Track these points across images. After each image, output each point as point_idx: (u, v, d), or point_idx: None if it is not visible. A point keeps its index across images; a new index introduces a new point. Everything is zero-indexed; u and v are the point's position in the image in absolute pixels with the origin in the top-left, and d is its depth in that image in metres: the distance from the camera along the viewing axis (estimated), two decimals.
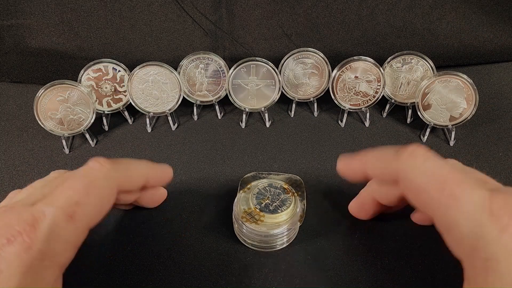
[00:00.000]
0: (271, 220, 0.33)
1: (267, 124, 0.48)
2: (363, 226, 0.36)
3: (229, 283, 0.32)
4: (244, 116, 0.47)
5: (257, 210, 0.33)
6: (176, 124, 0.48)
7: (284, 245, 0.34)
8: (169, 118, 0.48)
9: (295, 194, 0.35)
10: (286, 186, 0.35)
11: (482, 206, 0.22)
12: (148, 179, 0.32)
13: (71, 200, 0.25)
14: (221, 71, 0.47)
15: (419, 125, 0.46)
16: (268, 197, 0.34)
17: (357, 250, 0.34)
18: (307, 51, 0.46)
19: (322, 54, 0.46)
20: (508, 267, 0.20)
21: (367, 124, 0.47)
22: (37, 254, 0.23)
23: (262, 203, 0.34)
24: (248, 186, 0.36)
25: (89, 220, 0.26)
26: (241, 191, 0.36)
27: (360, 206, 0.34)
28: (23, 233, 0.23)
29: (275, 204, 0.34)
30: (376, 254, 0.34)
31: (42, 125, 0.44)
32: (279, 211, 0.33)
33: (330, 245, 0.35)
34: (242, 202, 0.34)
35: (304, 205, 0.36)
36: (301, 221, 0.35)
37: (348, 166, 0.31)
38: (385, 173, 0.28)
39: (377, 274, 0.32)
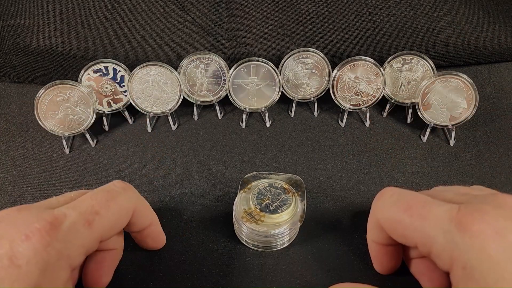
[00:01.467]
0: (272, 220, 0.33)
1: (267, 124, 0.48)
2: (363, 226, 0.36)
3: (229, 283, 0.32)
4: (244, 116, 0.47)
5: (258, 210, 0.33)
6: (176, 124, 0.48)
7: (285, 245, 0.34)
8: (169, 118, 0.48)
9: (296, 194, 0.35)
10: (286, 186, 0.35)
11: (450, 218, 0.23)
12: (152, 223, 0.32)
13: (92, 208, 0.26)
14: (221, 71, 0.47)
15: (419, 125, 0.46)
16: (269, 197, 0.34)
17: (357, 250, 0.34)
18: (307, 51, 0.46)
19: (322, 54, 0.46)
20: (482, 272, 0.21)
21: (367, 124, 0.47)
22: (55, 253, 0.23)
23: (263, 203, 0.34)
24: (249, 186, 0.36)
25: (104, 232, 0.27)
26: (241, 191, 0.36)
27: (376, 259, 0.32)
28: (42, 231, 0.23)
29: (276, 204, 0.34)
30: None
31: (43, 125, 0.44)
32: (279, 211, 0.33)
33: (330, 245, 0.35)
34: (243, 202, 0.34)
35: (304, 205, 0.36)
36: (301, 221, 0.35)
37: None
38: (371, 223, 0.30)
39: (377, 274, 0.32)
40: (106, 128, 0.48)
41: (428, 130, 0.45)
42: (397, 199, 0.27)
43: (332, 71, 0.46)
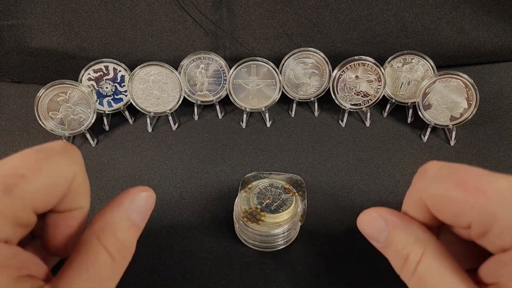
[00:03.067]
0: (272, 220, 0.33)
1: (268, 124, 0.48)
2: None
3: (230, 283, 0.32)
4: (244, 116, 0.47)
5: (258, 210, 0.33)
6: (176, 124, 0.48)
7: (285, 245, 0.34)
8: (170, 118, 0.48)
9: (296, 194, 0.35)
10: (287, 186, 0.35)
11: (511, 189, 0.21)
12: (85, 206, 0.25)
13: (15, 171, 0.21)
14: (222, 71, 0.47)
15: (419, 125, 0.46)
16: (269, 197, 0.34)
17: (357, 250, 0.34)
18: (307, 51, 0.46)
19: (322, 54, 0.46)
20: None
21: (367, 124, 0.47)
22: None
23: (263, 202, 0.34)
24: (249, 186, 0.36)
25: (33, 199, 0.21)
26: (242, 191, 0.36)
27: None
28: None
29: (276, 204, 0.34)
30: (376, 254, 0.34)
31: (43, 125, 0.44)
32: (280, 210, 0.33)
33: (330, 245, 0.35)
34: (243, 202, 0.34)
35: (305, 205, 0.36)
36: (302, 220, 0.35)
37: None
38: (410, 203, 0.26)
39: (377, 274, 0.32)
40: (107, 128, 0.48)
41: (429, 130, 0.45)
42: (447, 173, 0.23)
43: (333, 71, 0.46)
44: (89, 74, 0.47)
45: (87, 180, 0.25)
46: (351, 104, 0.47)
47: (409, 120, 0.47)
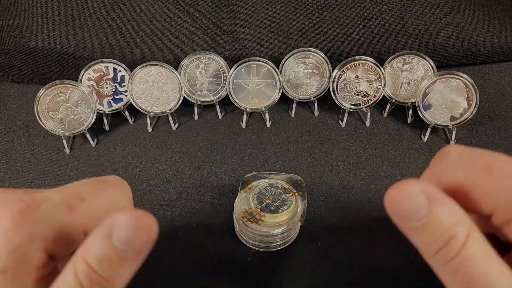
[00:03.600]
0: (272, 220, 0.33)
1: (268, 124, 0.48)
2: (363, 226, 0.36)
3: (229, 283, 0.32)
4: (244, 116, 0.47)
5: (258, 210, 0.33)
6: (176, 124, 0.48)
7: (285, 245, 0.34)
8: (170, 118, 0.48)
9: (296, 194, 0.35)
10: (287, 186, 0.35)
11: None
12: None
13: (78, 194, 0.24)
14: (222, 71, 0.47)
15: (419, 125, 0.46)
16: (269, 197, 0.34)
17: (357, 250, 0.34)
18: (307, 51, 0.46)
19: (322, 54, 0.46)
20: None
21: (367, 124, 0.47)
22: (27, 235, 0.22)
23: (263, 203, 0.34)
24: (249, 186, 0.36)
25: (88, 221, 0.24)
26: (242, 191, 0.36)
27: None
28: (16, 212, 0.22)
29: (276, 204, 0.34)
30: (376, 254, 0.34)
31: (43, 125, 0.44)
32: (280, 211, 0.33)
33: (330, 245, 0.35)
34: (243, 202, 0.34)
35: (305, 205, 0.36)
36: (302, 220, 0.35)
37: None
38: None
39: (377, 274, 0.32)
40: (107, 128, 0.48)
41: (429, 130, 0.45)
42: (471, 157, 0.22)
43: (333, 71, 0.46)
44: (89, 74, 0.47)
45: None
46: (351, 104, 0.47)
47: (409, 120, 0.47)
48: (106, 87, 0.47)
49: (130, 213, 0.20)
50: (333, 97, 0.47)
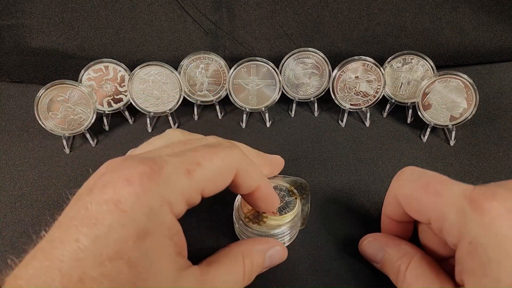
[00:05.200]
0: (275, 221, 0.33)
1: (268, 124, 0.48)
2: (363, 226, 0.36)
3: None
4: (244, 116, 0.47)
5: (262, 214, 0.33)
6: (176, 124, 0.48)
7: (285, 245, 0.34)
8: (170, 118, 0.48)
9: (300, 197, 0.35)
10: (291, 189, 0.35)
11: (463, 196, 0.24)
12: (260, 185, 0.30)
13: (194, 159, 0.25)
14: (222, 71, 0.47)
15: (419, 125, 0.46)
16: None
17: (357, 250, 0.34)
18: (307, 51, 0.46)
19: (322, 54, 0.46)
20: (487, 248, 0.22)
21: (367, 124, 0.47)
22: (157, 198, 0.23)
23: None
24: None
25: (205, 184, 0.26)
26: None
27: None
28: (143, 175, 0.23)
29: (280, 205, 0.34)
30: None
31: (43, 125, 0.44)
32: (283, 212, 0.33)
33: (331, 245, 0.35)
34: (245, 202, 0.34)
35: (308, 208, 0.36)
36: (304, 223, 0.35)
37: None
38: (388, 198, 0.31)
39: (377, 274, 0.32)
40: (107, 128, 0.48)
41: (428, 130, 0.45)
42: (417, 177, 0.28)
43: (332, 71, 0.46)
44: (89, 74, 0.47)
45: (252, 167, 0.29)
46: (351, 104, 0.47)
47: (408, 120, 0.47)
48: (106, 87, 0.47)
49: (284, 247, 0.31)
50: (333, 97, 0.47)
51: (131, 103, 0.47)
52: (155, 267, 0.22)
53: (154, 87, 0.46)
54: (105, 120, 0.48)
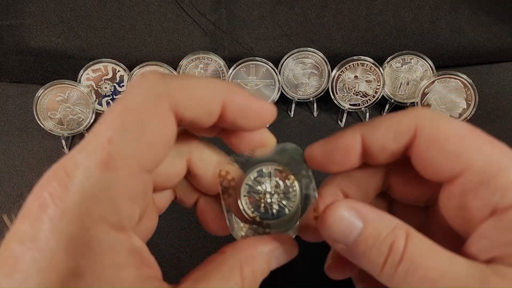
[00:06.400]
0: (282, 226, 0.25)
1: (267, 124, 0.48)
2: None
3: None
4: None
5: (259, 219, 0.25)
6: None
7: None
8: None
9: (297, 175, 0.25)
10: (280, 168, 0.25)
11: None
12: (227, 103, 0.22)
13: (102, 138, 0.19)
14: (221, 71, 0.47)
15: None
16: (264, 194, 0.25)
17: None
18: (306, 51, 0.46)
19: (321, 54, 0.46)
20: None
21: None
22: (76, 218, 0.18)
23: (260, 206, 0.25)
24: (230, 190, 0.25)
25: (136, 161, 0.19)
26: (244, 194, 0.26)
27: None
28: (54, 196, 0.18)
29: (277, 202, 0.25)
30: None
31: (42, 125, 0.44)
32: (285, 211, 0.24)
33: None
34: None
35: (314, 189, 0.25)
36: (318, 212, 0.24)
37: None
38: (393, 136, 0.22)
39: None
40: None
41: None
42: (457, 121, 0.23)
43: (332, 71, 0.46)
44: (88, 74, 0.47)
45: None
46: (350, 104, 0.47)
47: None
48: (105, 87, 0.47)
49: (292, 241, 0.24)
50: (332, 97, 0.47)
51: None
52: None
53: None
54: None
